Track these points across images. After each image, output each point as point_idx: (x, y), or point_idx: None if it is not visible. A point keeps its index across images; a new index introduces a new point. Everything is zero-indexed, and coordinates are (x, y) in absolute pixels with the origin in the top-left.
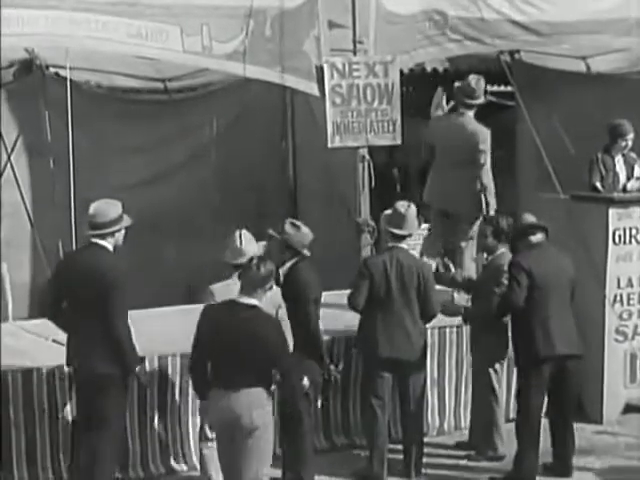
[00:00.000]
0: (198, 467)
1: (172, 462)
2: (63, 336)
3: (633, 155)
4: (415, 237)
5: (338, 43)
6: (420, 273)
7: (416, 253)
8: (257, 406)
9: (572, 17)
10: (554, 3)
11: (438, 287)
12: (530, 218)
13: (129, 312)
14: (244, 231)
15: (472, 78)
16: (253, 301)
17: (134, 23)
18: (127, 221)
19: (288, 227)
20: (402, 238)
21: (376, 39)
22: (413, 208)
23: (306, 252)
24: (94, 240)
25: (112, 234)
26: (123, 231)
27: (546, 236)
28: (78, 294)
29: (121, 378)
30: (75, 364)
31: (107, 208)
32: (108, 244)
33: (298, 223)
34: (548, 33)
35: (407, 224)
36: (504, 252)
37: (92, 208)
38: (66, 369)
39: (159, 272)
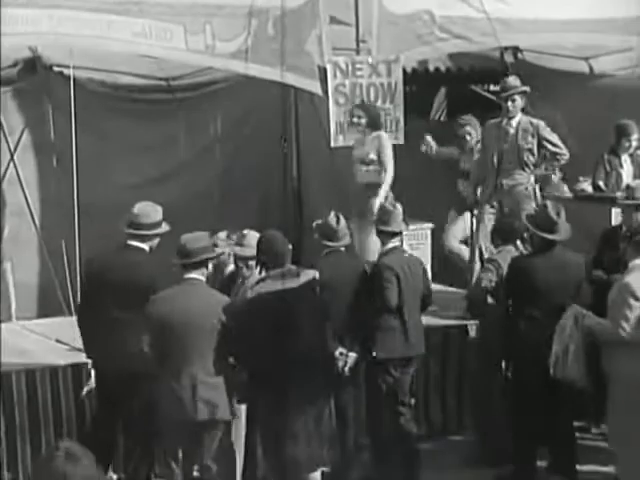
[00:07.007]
0: None
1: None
2: (66, 336)
3: None
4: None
5: (340, 42)
6: None
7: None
8: None
9: (570, 15)
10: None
11: None
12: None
13: None
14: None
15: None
16: None
17: (138, 22)
18: (165, 227)
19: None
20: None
21: (379, 38)
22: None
23: None
24: (131, 242)
25: (150, 237)
26: (159, 238)
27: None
28: (114, 295)
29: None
30: (102, 364)
31: (151, 210)
32: (146, 246)
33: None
34: (532, 31)
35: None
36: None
37: (136, 208)
38: (91, 371)
39: None
